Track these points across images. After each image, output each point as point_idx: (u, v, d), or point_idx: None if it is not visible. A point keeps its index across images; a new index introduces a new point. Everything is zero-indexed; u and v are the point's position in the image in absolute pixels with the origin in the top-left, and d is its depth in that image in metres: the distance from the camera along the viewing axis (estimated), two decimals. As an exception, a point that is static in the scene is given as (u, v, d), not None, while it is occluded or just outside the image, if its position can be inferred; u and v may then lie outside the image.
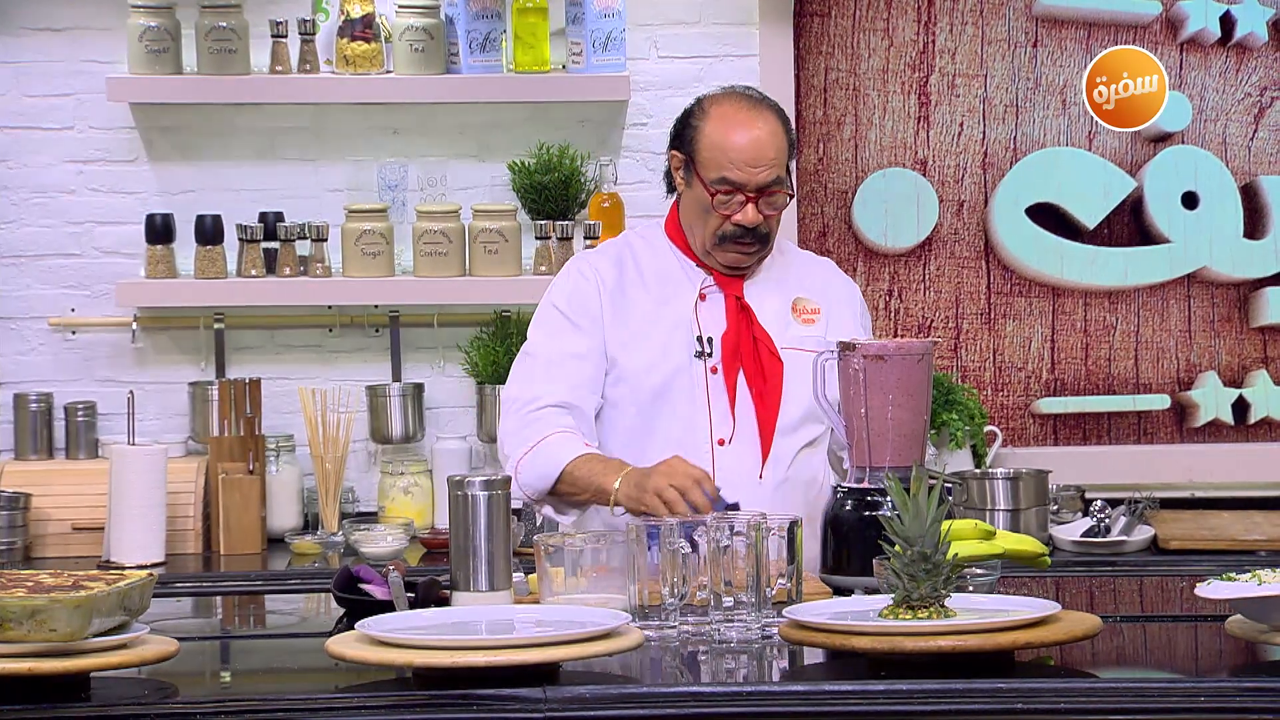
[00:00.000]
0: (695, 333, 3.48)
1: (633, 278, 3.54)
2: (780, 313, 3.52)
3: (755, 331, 3.49)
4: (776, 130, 3.46)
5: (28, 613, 2.52)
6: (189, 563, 4.41)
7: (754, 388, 3.47)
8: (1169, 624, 3.15)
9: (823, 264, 3.69)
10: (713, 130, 3.46)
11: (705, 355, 3.48)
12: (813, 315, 3.55)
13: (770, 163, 3.43)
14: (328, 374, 4.74)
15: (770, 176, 3.44)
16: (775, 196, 3.45)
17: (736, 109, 3.48)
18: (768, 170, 3.43)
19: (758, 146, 3.43)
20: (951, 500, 2.95)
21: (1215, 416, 4.87)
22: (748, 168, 3.43)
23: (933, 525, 2.73)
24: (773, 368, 3.47)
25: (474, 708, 2.52)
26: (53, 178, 4.74)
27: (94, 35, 4.71)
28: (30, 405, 4.66)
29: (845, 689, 2.56)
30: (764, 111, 3.48)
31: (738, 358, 3.48)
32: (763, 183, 3.43)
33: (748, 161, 3.43)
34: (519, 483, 3.41)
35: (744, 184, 3.43)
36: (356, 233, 4.63)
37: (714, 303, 3.51)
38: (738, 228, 3.45)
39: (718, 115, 3.48)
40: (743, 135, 3.44)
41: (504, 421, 3.50)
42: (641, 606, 2.90)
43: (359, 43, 4.62)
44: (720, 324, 3.49)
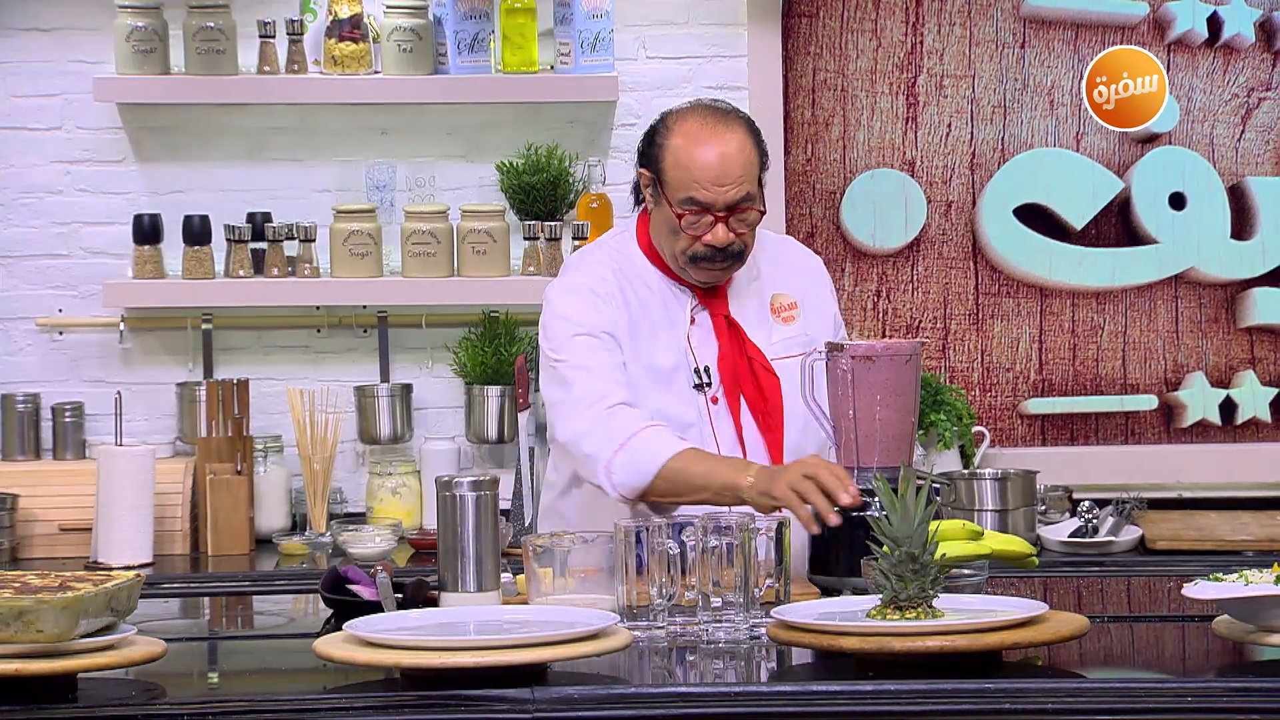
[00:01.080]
0: (692, 364, 3.34)
1: (630, 299, 3.37)
2: (761, 318, 3.40)
3: (748, 350, 3.35)
4: (744, 145, 3.30)
5: (15, 614, 2.52)
6: (177, 563, 4.41)
7: (756, 412, 3.34)
8: (1156, 624, 3.16)
9: (784, 246, 3.54)
10: (677, 148, 3.30)
11: (705, 386, 3.34)
12: (791, 312, 3.43)
13: (738, 180, 3.27)
14: (316, 374, 4.74)
15: (739, 194, 3.28)
16: (746, 214, 3.30)
17: (701, 125, 3.31)
18: (735, 188, 3.28)
19: (724, 164, 3.27)
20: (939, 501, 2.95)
21: (1203, 417, 4.88)
22: (715, 187, 3.27)
23: (920, 526, 2.73)
24: (770, 386, 3.34)
25: (462, 708, 2.52)
26: (40, 178, 4.73)
27: (81, 35, 4.71)
28: (18, 406, 4.65)
29: (833, 689, 2.56)
30: (731, 126, 3.31)
31: (737, 384, 3.34)
32: (731, 201, 3.28)
33: (714, 180, 3.27)
34: (611, 482, 3.22)
35: (711, 204, 3.27)
36: (345, 233, 4.62)
37: (703, 326, 3.37)
38: (708, 248, 3.30)
39: (682, 132, 3.31)
40: (708, 153, 3.27)
41: (571, 421, 3.26)
42: (630, 607, 2.90)
43: (347, 43, 4.62)
44: (712, 348, 3.35)
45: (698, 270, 3.35)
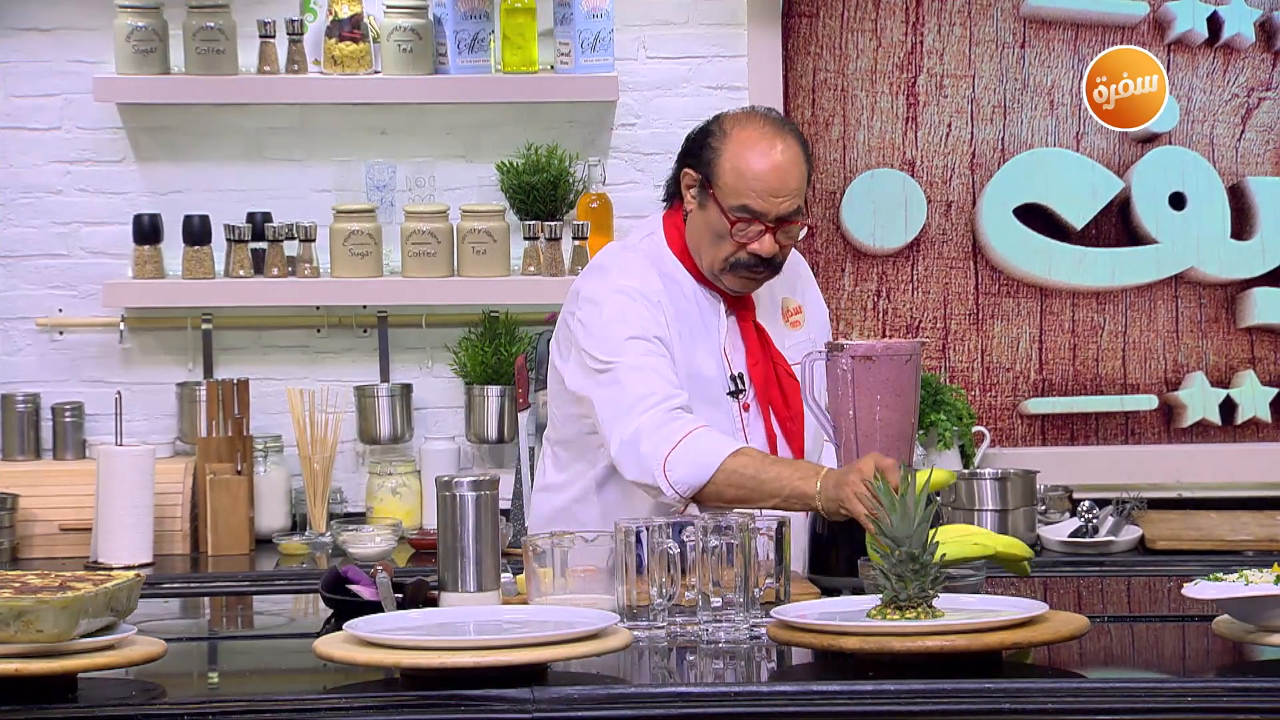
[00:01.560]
0: (727, 371, 3.34)
1: (672, 309, 3.35)
2: (776, 324, 3.42)
3: (773, 355, 3.37)
4: (799, 157, 3.30)
5: (15, 613, 2.52)
6: (176, 563, 4.41)
7: (780, 417, 3.35)
8: (1156, 624, 3.16)
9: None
10: (735, 154, 3.28)
11: (739, 393, 3.35)
12: (797, 317, 3.45)
13: (793, 192, 3.28)
14: (316, 374, 4.74)
15: (791, 207, 3.29)
16: (793, 226, 3.31)
17: (760, 134, 3.30)
18: (790, 200, 3.28)
19: (781, 175, 3.27)
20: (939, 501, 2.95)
21: (1203, 417, 4.88)
22: (770, 197, 3.27)
23: (920, 526, 2.73)
24: (793, 391, 3.35)
25: (462, 708, 2.52)
26: (40, 178, 4.73)
27: (81, 35, 4.71)
28: (17, 406, 4.65)
29: (833, 689, 2.56)
30: (787, 137, 3.31)
31: (768, 390, 3.34)
32: (784, 213, 3.28)
33: (771, 191, 3.27)
34: (669, 481, 3.18)
35: (764, 213, 3.28)
36: (344, 233, 4.62)
37: (733, 333, 3.37)
38: (753, 256, 3.29)
39: (740, 139, 3.30)
40: (766, 162, 3.27)
41: (629, 420, 3.20)
42: (630, 607, 2.90)
43: (347, 43, 4.62)
44: (741, 355, 3.35)
45: (734, 278, 3.34)
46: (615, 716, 2.53)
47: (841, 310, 4.85)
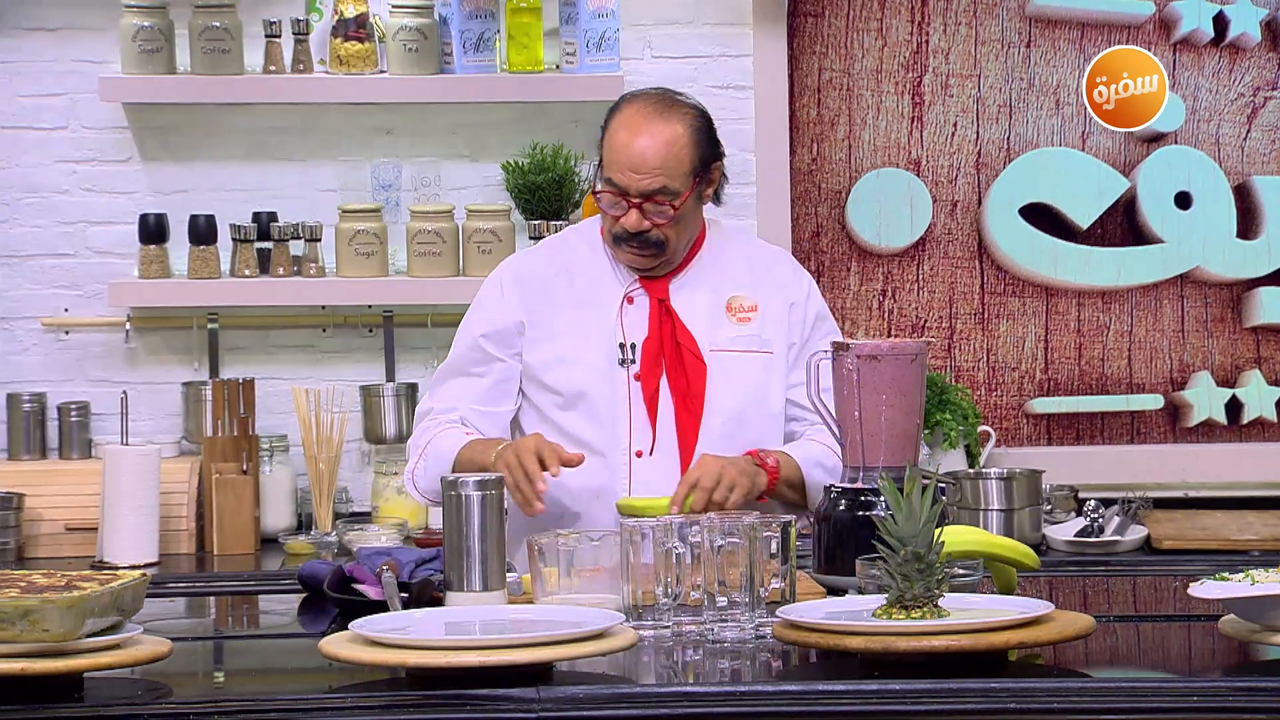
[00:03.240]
0: (619, 339, 3.45)
1: (561, 282, 3.50)
2: (711, 313, 3.47)
3: (679, 335, 3.44)
4: (674, 140, 3.38)
5: (20, 613, 2.52)
6: (182, 563, 4.41)
7: (676, 395, 3.43)
8: (1162, 624, 3.15)
9: (768, 254, 3.61)
10: (612, 130, 3.42)
11: (629, 362, 3.44)
12: (749, 314, 3.49)
13: (653, 171, 3.36)
14: (321, 374, 4.74)
15: (652, 185, 3.37)
16: (661, 206, 3.38)
17: (637, 110, 3.41)
18: (650, 178, 3.37)
19: (642, 153, 3.36)
20: (945, 500, 2.95)
21: (1208, 416, 4.87)
22: (630, 172, 3.37)
23: (926, 525, 2.73)
24: (696, 372, 3.42)
25: (467, 708, 2.52)
26: (46, 178, 4.74)
27: (87, 35, 4.71)
28: (23, 405, 4.66)
29: (839, 689, 2.56)
30: (667, 117, 3.40)
31: (659, 364, 3.43)
32: (645, 190, 3.37)
33: (631, 166, 3.37)
34: (418, 491, 3.48)
35: (625, 188, 3.38)
36: (350, 233, 4.63)
37: (639, 306, 3.47)
38: (624, 230, 3.40)
39: (622, 115, 3.42)
40: (632, 139, 3.38)
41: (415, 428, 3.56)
42: (635, 606, 2.90)
43: (353, 43, 4.62)
44: (644, 329, 3.45)
45: (620, 253, 3.46)
46: (621, 716, 2.53)
47: (847, 310, 4.85)
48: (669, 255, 3.45)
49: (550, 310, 3.49)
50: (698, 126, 3.42)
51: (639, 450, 3.42)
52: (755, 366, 3.48)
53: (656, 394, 3.43)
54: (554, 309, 3.49)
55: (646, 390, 3.43)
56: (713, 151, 3.45)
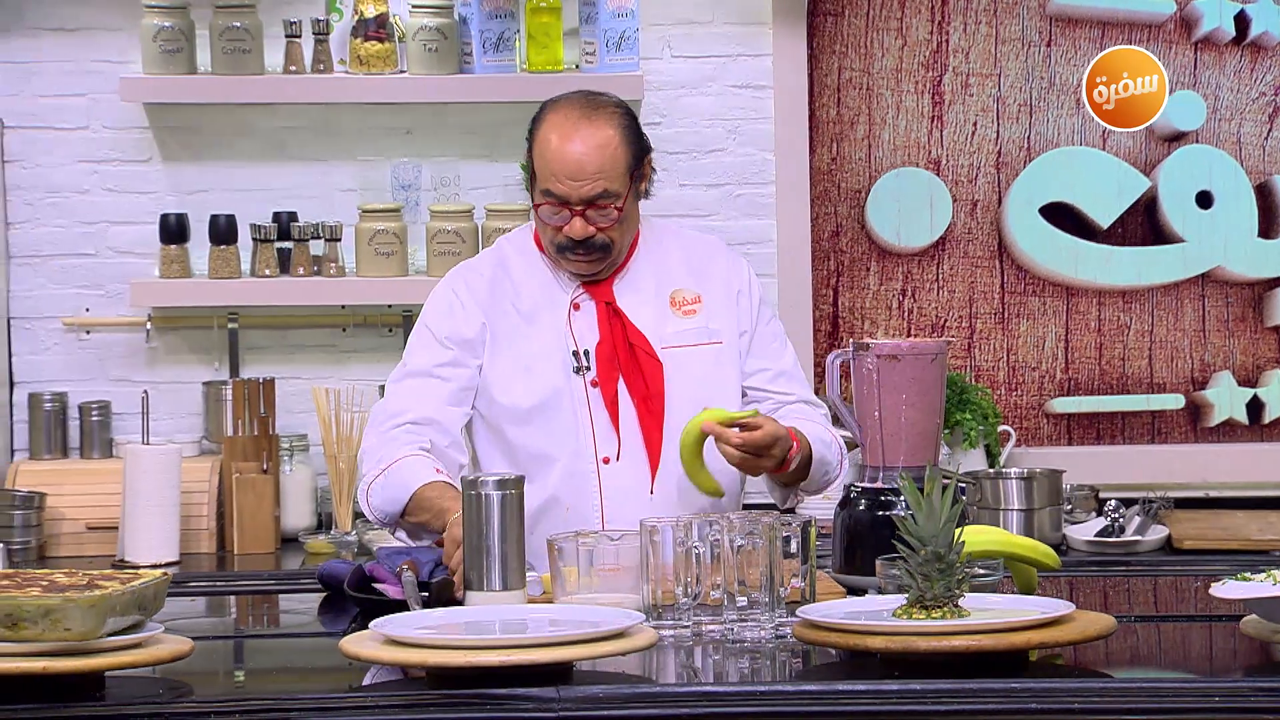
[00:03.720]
0: (570, 347, 3.42)
1: (506, 294, 3.47)
2: (657, 310, 3.45)
3: (630, 336, 3.41)
4: (607, 141, 3.34)
5: (42, 612, 2.53)
6: (203, 562, 4.42)
7: (636, 397, 3.40)
8: (1183, 624, 3.15)
9: (703, 244, 3.57)
10: (542, 140, 3.37)
11: (584, 370, 3.41)
12: (693, 305, 3.47)
13: (593, 176, 3.33)
14: (341, 374, 4.75)
15: (594, 190, 3.33)
16: (605, 209, 3.35)
17: (565, 117, 3.36)
18: (590, 184, 3.33)
19: (579, 160, 3.33)
20: (965, 500, 2.95)
21: (1229, 416, 4.86)
22: (569, 180, 3.33)
23: (946, 525, 2.72)
24: (653, 372, 3.40)
25: (487, 707, 2.52)
26: (66, 178, 4.75)
27: (107, 35, 4.72)
28: (44, 405, 4.67)
29: (859, 689, 2.56)
30: (596, 121, 3.36)
31: (615, 367, 3.41)
32: (586, 196, 3.34)
33: (569, 174, 3.33)
34: (369, 505, 3.37)
35: (567, 197, 3.34)
36: (370, 233, 4.63)
37: (587, 312, 3.44)
38: (569, 240, 3.37)
39: (548, 124, 3.37)
40: (565, 146, 3.33)
41: (366, 436, 3.45)
42: (655, 606, 2.90)
43: (373, 43, 4.63)
44: (594, 334, 3.42)
45: (566, 261, 3.43)
46: (640, 715, 2.53)
47: (866, 309, 4.84)
48: (614, 256, 3.43)
49: (503, 323, 3.46)
50: (626, 124, 3.39)
51: (605, 457, 3.39)
52: (707, 358, 3.46)
53: (616, 398, 3.41)
54: (506, 321, 3.46)
55: (606, 395, 3.40)
56: (642, 147, 3.42)
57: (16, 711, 2.50)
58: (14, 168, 4.75)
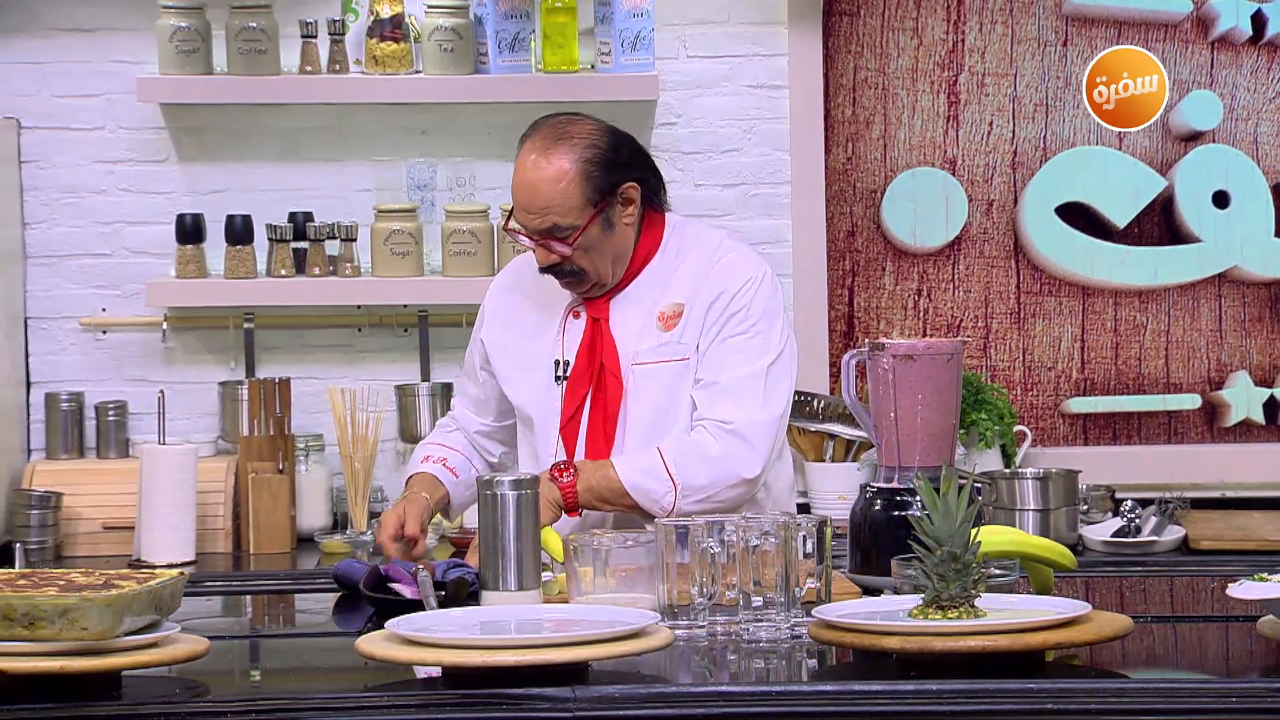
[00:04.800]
0: (556, 356, 3.48)
1: (518, 297, 3.57)
2: (643, 326, 3.46)
3: (604, 355, 3.44)
4: (559, 177, 3.35)
5: (59, 611, 2.53)
6: (219, 562, 4.42)
7: (594, 416, 3.44)
8: (1200, 624, 3.14)
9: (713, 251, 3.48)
10: (515, 167, 3.43)
11: (561, 379, 3.47)
12: (674, 319, 3.45)
13: (541, 210, 3.36)
14: (357, 373, 4.75)
15: (543, 224, 3.37)
16: (559, 243, 3.37)
17: (530, 148, 3.41)
18: (540, 218, 3.37)
19: (529, 192, 3.37)
20: (981, 500, 2.94)
21: (1246, 416, 4.85)
22: (522, 212, 3.39)
23: (962, 525, 2.72)
24: (614, 392, 3.43)
25: (503, 707, 2.52)
26: (83, 178, 4.76)
27: (124, 36, 4.73)
28: (61, 405, 4.68)
29: (874, 689, 2.56)
30: (552, 155, 3.36)
31: (586, 383, 3.44)
32: (537, 229, 3.38)
33: (522, 205, 3.40)
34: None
35: (525, 226, 3.40)
36: (385, 233, 4.64)
37: (579, 324, 3.49)
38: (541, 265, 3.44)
39: (520, 152, 3.43)
40: (521, 177, 3.39)
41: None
42: (670, 606, 2.90)
43: (388, 43, 4.63)
44: (575, 347, 3.48)
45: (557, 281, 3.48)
46: (656, 715, 2.53)
47: (882, 309, 4.84)
48: (595, 280, 3.44)
49: (508, 327, 3.56)
50: (587, 158, 3.37)
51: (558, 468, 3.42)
52: (669, 376, 3.44)
53: (578, 412, 3.44)
54: (511, 325, 3.56)
55: (565, 410, 3.45)
56: (611, 178, 3.38)
57: (34, 710, 2.51)
58: (31, 168, 4.76)
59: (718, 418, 3.38)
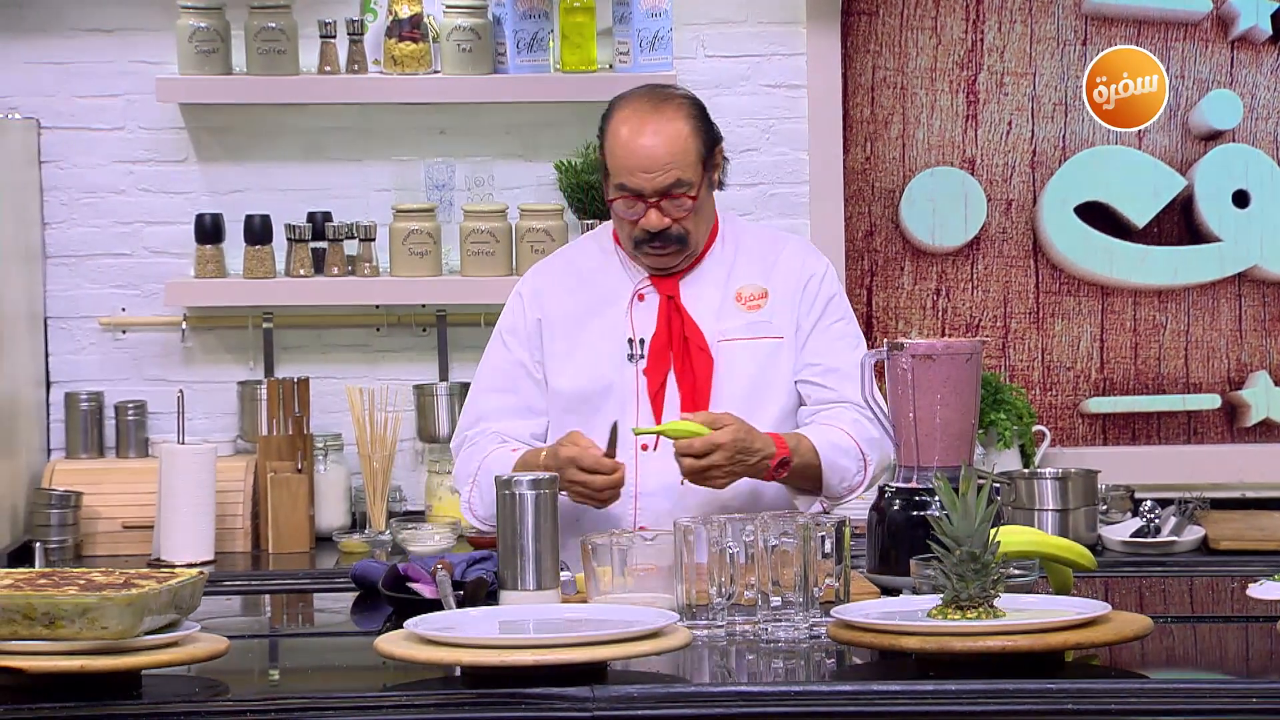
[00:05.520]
0: (628, 335, 3.46)
1: (570, 286, 3.51)
2: (720, 304, 3.47)
3: (687, 329, 3.44)
4: (677, 131, 3.38)
5: (79, 610, 2.54)
6: (238, 561, 4.43)
7: (684, 390, 3.43)
8: (1219, 625, 3.13)
9: (780, 240, 3.57)
10: (612, 135, 3.41)
11: (638, 358, 3.45)
12: (759, 301, 3.48)
13: (665, 167, 3.36)
14: (375, 373, 4.76)
15: (667, 180, 3.37)
16: (679, 200, 3.38)
17: (634, 111, 3.41)
18: (663, 175, 3.36)
19: (650, 152, 3.36)
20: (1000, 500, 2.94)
21: (1266, 416, 4.84)
22: (642, 174, 3.37)
23: (981, 525, 2.72)
24: (703, 366, 3.42)
25: (522, 706, 2.52)
26: (102, 178, 4.77)
27: (143, 36, 4.74)
28: (81, 404, 4.69)
29: (893, 689, 2.56)
30: (664, 112, 3.40)
31: (666, 358, 3.44)
32: (660, 187, 3.37)
33: (641, 167, 3.37)
34: (476, 519, 3.47)
35: (641, 190, 3.38)
36: (404, 232, 4.64)
37: (649, 303, 3.47)
38: (644, 232, 3.40)
39: (617, 119, 3.42)
40: (635, 140, 3.37)
41: (455, 459, 3.57)
42: (689, 606, 2.90)
43: (407, 43, 4.63)
44: (653, 324, 3.46)
45: (645, 255, 3.46)
46: (675, 715, 2.53)
47: (901, 309, 4.84)
48: (691, 249, 3.46)
49: (562, 310, 3.51)
50: (695, 114, 3.43)
51: (644, 444, 3.41)
52: (762, 353, 3.46)
53: (663, 388, 3.43)
54: (566, 309, 3.51)
55: (652, 385, 3.43)
56: (712, 136, 3.45)
57: (54, 709, 2.52)
58: (51, 168, 4.77)
59: (856, 401, 3.39)
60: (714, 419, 3.28)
